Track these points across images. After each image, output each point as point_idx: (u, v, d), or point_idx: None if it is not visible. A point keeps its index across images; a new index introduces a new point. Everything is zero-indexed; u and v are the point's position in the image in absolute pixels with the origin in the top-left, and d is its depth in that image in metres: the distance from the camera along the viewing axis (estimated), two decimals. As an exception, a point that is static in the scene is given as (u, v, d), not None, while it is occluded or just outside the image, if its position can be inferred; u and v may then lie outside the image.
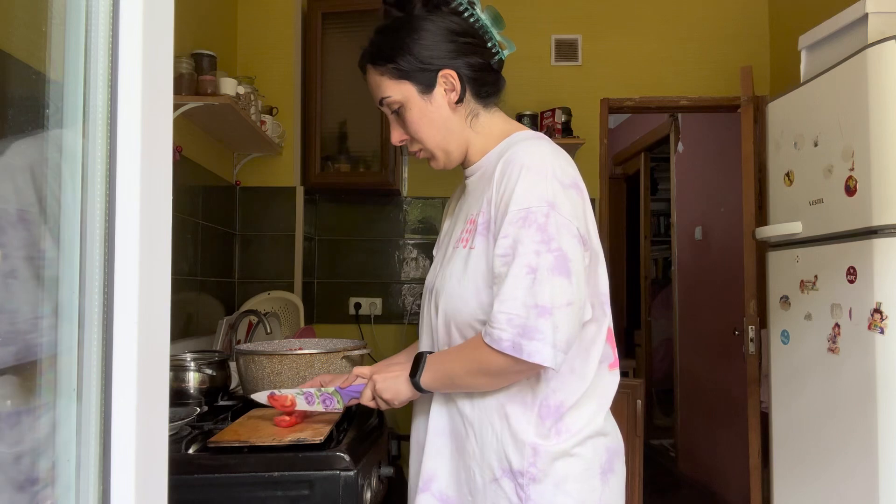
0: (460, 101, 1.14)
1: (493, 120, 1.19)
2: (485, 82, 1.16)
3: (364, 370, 1.22)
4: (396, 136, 1.19)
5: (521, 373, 1.04)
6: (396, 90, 1.13)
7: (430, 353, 1.12)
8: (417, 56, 1.11)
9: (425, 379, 1.09)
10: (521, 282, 0.99)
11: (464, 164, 1.21)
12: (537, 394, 1.07)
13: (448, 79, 1.12)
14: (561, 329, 0.98)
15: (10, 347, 0.75)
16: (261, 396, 1.31)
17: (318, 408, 1.28)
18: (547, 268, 0.98)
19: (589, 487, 1.07)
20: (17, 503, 0.65)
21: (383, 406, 1.17)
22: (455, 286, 1.10)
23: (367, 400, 1.18)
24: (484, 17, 1.15)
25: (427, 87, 1.12)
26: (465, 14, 1.13)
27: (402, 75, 1.12)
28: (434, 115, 1.14)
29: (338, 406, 1.27)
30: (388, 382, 1.14)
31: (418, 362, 1.11)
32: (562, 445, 1.06)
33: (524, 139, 1.13)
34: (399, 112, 1.15)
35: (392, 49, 1.12)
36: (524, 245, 1.00)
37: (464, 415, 1.10)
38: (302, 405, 1.28)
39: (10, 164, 0.83)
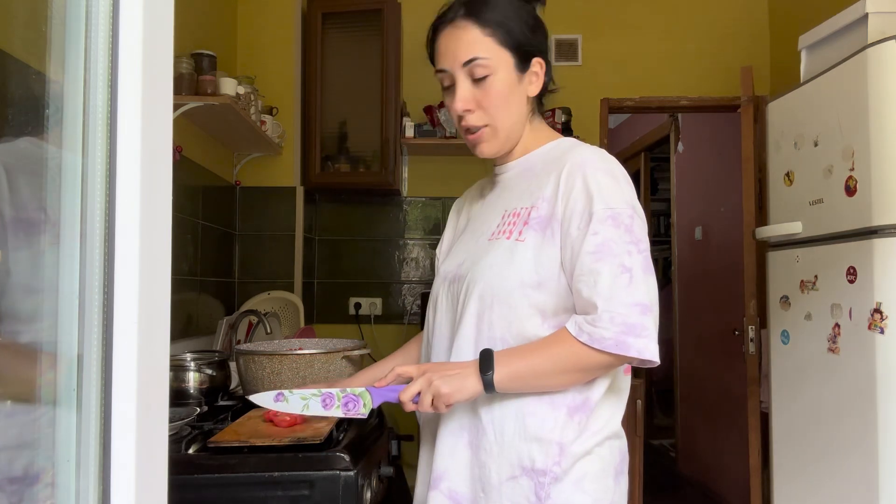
0: (541, 92, 1.16)
1: (542, 123, 1.21)
2: (548, 89, 1.19)
3: (409, 368, 1.07)
4: (463, 104, 1.11)
5: (612, 366, 1.05)
6: (497, 55, 1.09)
7: (490, 350, 1.04)
8: (528, 33, 1.11)
9: (500, 375, 1.01)
10: (619, 280, 0.99)
11: (497, 161, 1.22)
12: (566, 393, 1.07)
13: (539, 68, 1.14)
14: (656, 325, 1.01)
15: (9, 346, 0.75)
16: (264, 399, 1.07)
17: (337, 412, 1.07)
18: (640, 267, 1.01)
19: (604, 486, 1.08)
20: (17, 503, 0.65)
21: (426, 405, 1.02)
22: (497, 275, 1.08)
23: (409, 396, 1.03)
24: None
25: (524, 66, 1.13)
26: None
27: (510, 43, 1.10)
28: (515, 96, 1.13)
29: (363, 410, 1.08)
30: (449, 378, 1.02)
31: (486, 358, 1.03)
32: (584, 445, 1.06)
33: (580, 144, 1.15)
34: (482, 80, 1.10)
35: (506, 15, 1.10)
36: (617, 245, 1.01)
37: (482, 412, 1.09)
38: (316, 409, 1.07)
39: None
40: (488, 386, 1.02)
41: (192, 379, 1.71)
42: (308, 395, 1.07)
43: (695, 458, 4.25)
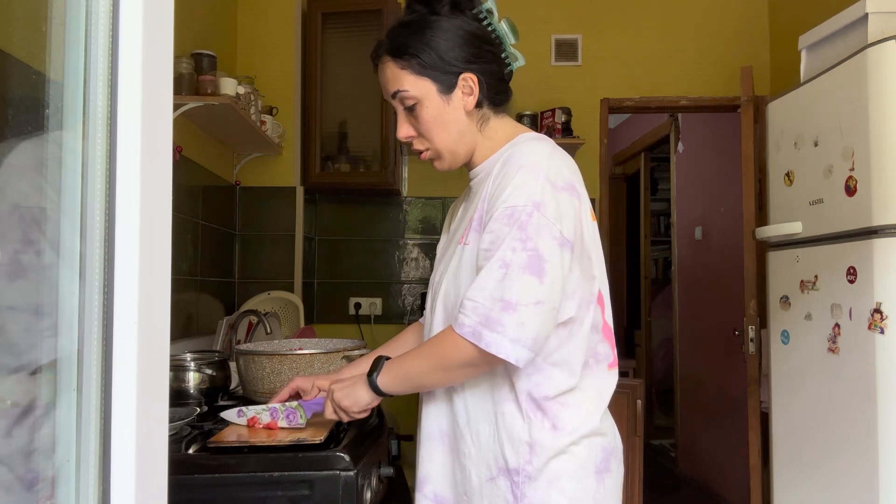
0: (478, 105, 1.15)
1: (501, 124, 1.20)
2: (499, 90, 1.18)
3: (323, 382, 1.22)
4: (404, 132, 1.17)
5: (478, 367, 1.05)
6: (415, 85, 1.13)
7: (388, 357, 1.13)
8: (443, 55, 1.11)
9: (382, 379, 1.10)
10: (493, 275, 1.01)
11: (468, 166, 1.22)
12: (520, 390, 1.08)
13: (468, 82, 1.13)
14: (528, 326, 0.99)
15: (9, 347, 0.75)
16: (230, 415, 1.36)
17: (283, 423, 1.29)
18: (519, 265, 1.00)
19: (583, 485, 1.07)
20: (17, 503, 0.65)
21: (345, 417, 1.15)
22: (450, 282, 1.12)
23: (329, 413, 1.17)
24: (501, 28, 1.16)
25: (447, 87, 1.13)
26: (485, 22, 1.14)
27: (425, 72, 1.12)
28: (449, 116, 1.14)
29: (300, 421, 1.28)
30: (346, 390, 1.13)
31: (377, 364, 1.11)
32: (557, 443, 1.06)
33: (526, 140, 1.14)
34: (412, 109, 1.14)
35: (418, 44, 1.11)
36: (504, 241, 1.02)
37: (458, 415, 1.11)
38: (266, 420, 1.31)
39: (18, 165, 0.83)
40: (376, 391, 1.10)
41: (192, 379, 1.71)
42: (260, 410, 1.33)
43: (695, 458, 4.25)
